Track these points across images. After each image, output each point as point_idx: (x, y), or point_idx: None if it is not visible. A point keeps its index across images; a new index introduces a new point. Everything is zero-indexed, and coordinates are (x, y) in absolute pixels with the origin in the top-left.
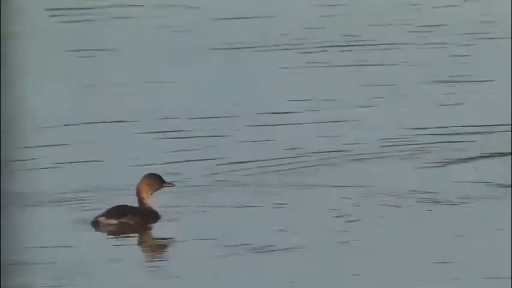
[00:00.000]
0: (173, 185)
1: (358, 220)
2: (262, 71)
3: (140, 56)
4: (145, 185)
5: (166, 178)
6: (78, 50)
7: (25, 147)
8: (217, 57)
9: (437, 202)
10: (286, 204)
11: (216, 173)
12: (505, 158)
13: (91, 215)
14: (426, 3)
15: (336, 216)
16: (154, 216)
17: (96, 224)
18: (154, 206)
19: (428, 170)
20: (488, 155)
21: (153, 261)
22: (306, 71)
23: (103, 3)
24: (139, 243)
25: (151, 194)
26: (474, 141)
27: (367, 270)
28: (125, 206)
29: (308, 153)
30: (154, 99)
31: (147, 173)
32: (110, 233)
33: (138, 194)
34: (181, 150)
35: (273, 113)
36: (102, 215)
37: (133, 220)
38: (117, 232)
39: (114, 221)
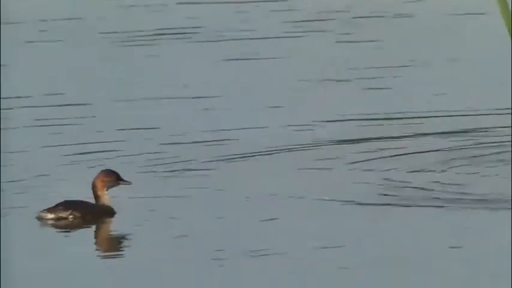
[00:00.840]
0: (129, 183)
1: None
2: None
3: None
4: (100, 181)
5: None
6: None
7: None
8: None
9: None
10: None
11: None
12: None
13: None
14: None
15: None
16: (104, 214)
17: (38, 218)
18: (109, 202)
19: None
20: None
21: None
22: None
23: None
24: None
25: (106, 190)
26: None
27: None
28: (73, 202)
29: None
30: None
31: (103, 169)
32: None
33: (94, 190)
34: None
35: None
36: (45, 209)
37: (72, 215)
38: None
39: (50, 215)
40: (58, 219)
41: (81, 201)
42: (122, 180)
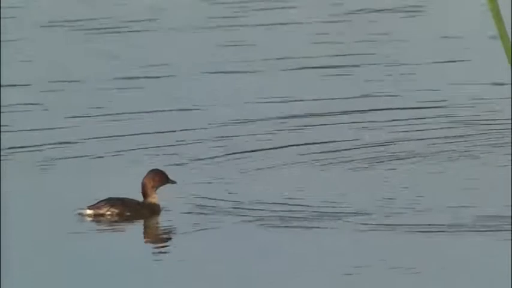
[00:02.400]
0: (175, 183)
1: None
2: None
3: None
4: (150, 180)
5: None
6: None
7: None
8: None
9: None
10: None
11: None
12: None
13: None
14: None
15: None
16: (147, 211)
17: (78, 214)
18: (156, 201)
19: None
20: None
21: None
22: None
23: None
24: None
25: (155, 190)
26: None
27: None
28: (115, 199)
29: None
30: None
31: (152, 168)
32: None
33: (143, 189)
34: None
35: None
36: (87, 206)
37: (110, 212)
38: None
39: (89, 212)
40: (96, 215)
41: (124, 199)
42: (169, 179)
